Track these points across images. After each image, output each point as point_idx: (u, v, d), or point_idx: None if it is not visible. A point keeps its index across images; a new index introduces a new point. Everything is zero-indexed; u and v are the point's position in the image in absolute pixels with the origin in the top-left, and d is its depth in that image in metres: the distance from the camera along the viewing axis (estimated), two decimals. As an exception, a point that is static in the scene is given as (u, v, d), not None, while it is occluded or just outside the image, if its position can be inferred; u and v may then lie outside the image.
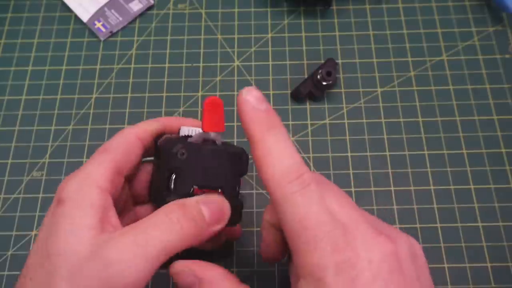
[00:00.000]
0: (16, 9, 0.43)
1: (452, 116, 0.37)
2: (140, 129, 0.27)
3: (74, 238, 0.21)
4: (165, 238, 0.21)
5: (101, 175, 0.23)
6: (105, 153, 0.24)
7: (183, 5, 0.42)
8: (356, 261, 0.19)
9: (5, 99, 0.39)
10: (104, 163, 0.24)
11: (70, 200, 0.22)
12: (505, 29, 0.40)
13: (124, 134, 0.26)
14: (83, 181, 0.23)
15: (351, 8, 0.42)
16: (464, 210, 0.34)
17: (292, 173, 0.20)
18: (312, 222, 0.20)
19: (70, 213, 0.21)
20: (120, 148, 0.25)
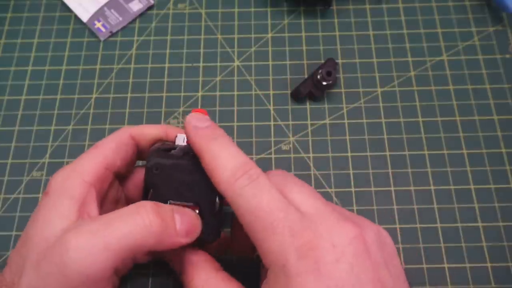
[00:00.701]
0: (16, 9, 0.43)
1: (452, 116, 0.37)
2: (137, 129, 0.27)
3: (47, 225, 0.22)
4: (129, 231, 0.21)
5: (87, 168, 0.24)
6: (96, 148, 0.25)
7: (183, 5, 0.42)
8: (318, 244, 0.19)
9: (5, 99, 0.39)
10: (93, 158, 0.25)
11: (53, 191, 0.23)
12: (505, 29, 0.40)
13: (118, 132, 0.27)
14: (69, 174, 0.24)
15: (351, 8, 0.42)
16: (464, 210, 0.34)
17: (238, 170, 0.21)
18: (265, 210, 0.20)
19: (50, 203, 0.23)
20: (111, 145, 0.26)
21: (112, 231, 0.21)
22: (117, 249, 0.20)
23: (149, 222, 0.21)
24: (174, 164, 0.24)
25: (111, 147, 0.26)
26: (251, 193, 0.21)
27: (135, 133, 0.27)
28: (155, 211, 0.22)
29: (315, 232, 0.19)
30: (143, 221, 0.21)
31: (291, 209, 0.20)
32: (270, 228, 0.20)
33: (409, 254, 0.32)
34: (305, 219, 0.20)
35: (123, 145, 0.26)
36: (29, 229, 0.23)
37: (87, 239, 0.20)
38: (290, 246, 0.19)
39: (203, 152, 0.22)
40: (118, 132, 0.27)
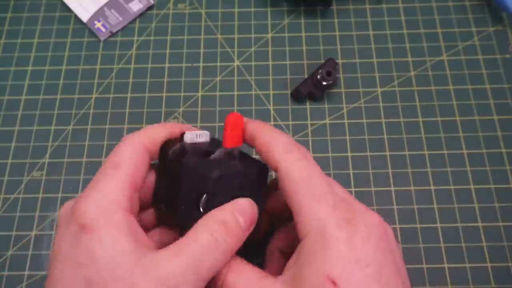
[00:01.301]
0: (16, 9, 0.43)
1: (452, 116, 0.37)
2: (147, 138, 0.26)
3: (116, 265, 0.20)
4: (214, 258, 0.22)
5: (120, 195, 0.22)
6: (118, 169, 0.23)
7: (183, 5, 0.42)
8: (353, 220, 0.22)
9: (5, 99, 0.39)
10: (120, 182, 0.23)
11: (98, 226, 0.21)
12: (505, 29, 0.40)
13: (132, 146, 0.25)
14: (105, 204, 0.22)
15: (351, 8, 0.42)
16: (464, 210, 0.34)
17: (291, 145, 0.24)
18: (317, 182, 0.23)
19: (103, 240, 0.21)
20: (132, 163, 0.24)
21: (200, 263, 0.21)
22: (207, 277, 0.22)
23: (225, 244, 0.22)
24: (232, 173, 0.24)
25: (133, 166, 0.24)
26: (304, 165, 0.23)
27: (147, 143, 0.25)
28: (225, 230, 0.23)
29: (352, 211, 0.22)
30: (220, 246, 0.22)
31: (334, 188, 0.23)
32: (318, 197, 0.22)
33: (409, 254, 0.32)
34: (343, 198, 0.23)
35: (142, 160, 0.25)
36: (89, 271, 0.20)
37: (181, 272, 0.21)
38: (331, 217, 0.22)
39: (259, 133, 0.25)
40: (132, 146, 0.25)
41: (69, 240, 0.21)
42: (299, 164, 0.23)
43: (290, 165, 0.23)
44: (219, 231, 0.22)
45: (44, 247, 0.33)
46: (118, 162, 0.24)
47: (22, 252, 0.33)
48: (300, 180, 0.23)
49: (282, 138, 0.25)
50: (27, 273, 0.33)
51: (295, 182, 0.23)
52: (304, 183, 0.23)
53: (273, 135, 0.25)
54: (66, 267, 0.21)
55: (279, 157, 0.24)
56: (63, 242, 0.22)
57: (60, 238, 0.22)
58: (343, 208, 0.22)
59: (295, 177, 0.23)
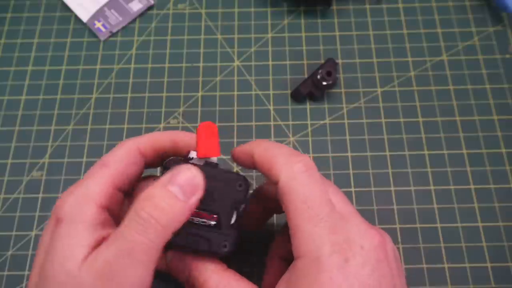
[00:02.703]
0: (16, 9, 0.43)
1: (452, 116, 0.37)
2: (143, 142, 0.25)
3: (67, 257, 0.21)
4: (147, 238, 0.20)
5: (99, 191, 0.23)
6: (104, 167, 0.24)
7: (183, 5, 0.42)
8: (350, 245, 0.21)
9: (5, 99, 0.39)
10: (102, 179, 0.23)
11: (67, 219, 0.22)
12: (505, 29, 0.40)
13: (124, 147, 0.25)
14: (81, 198, 0.22)
15: (351, 8, 0.42)
16: (464, 210, 0.34)
17: (293, 156, 0.23)
18: (315, 202, 0.22)
19: (66, 232, 0.21)
20: (119, 163, 0.24)
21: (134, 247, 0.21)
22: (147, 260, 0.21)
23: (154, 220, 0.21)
24: (209, 172, 0.23)
25: (120, 166, 0.24)
26: (306, 180, 0.22)
27: (142, 147, 0.25)
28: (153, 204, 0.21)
29: (349, 233, 0.21)
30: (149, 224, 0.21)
31: (334, 209, 0.22)
32: (315, 219, 0.21)
33: (409, 254, 0.32)
34: (342, 219, 0.22)
35: (133, 163, 0.25)
36: (46, 263, 0.21)
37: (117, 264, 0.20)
38: (327, 240, 0.21)
39: (258, 148, 0.24)
40: (124, 148, 0.25)
41: (46, 232, 0.22)
42: (301, 178, 0.22)
43: (291, 180, 0.22)
44: (145, 208, 0.21)
45: (44, 247, 0.33)
46: (106, 162, 0.24)
47: (22, 252, 0.33)
48: (299, 200, 0.22)
49: (283, 147, 0.24)
50: (27, 273, 0.33)
51: (294, 202, 0.22)
52: (304, 203, 0.22)
53: (272, 146, 0.24)
54: (38, 258, 0.22)
55: (279, 168, 0.23)
56: (45, 234, 0.22)
57: (44, 230, 0.23)
58: (341, 230, 0.21)
59: (294, 194, 0.22)
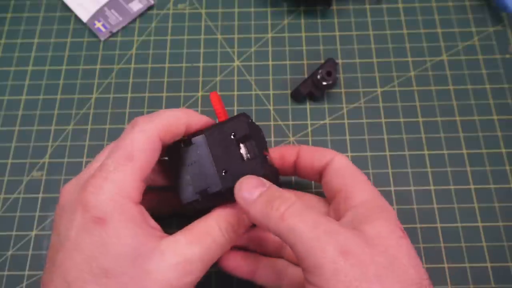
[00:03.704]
0: (16, 9, 0.43)
1: (452, 116, 0.37)
2: (162, 126, 0.25)
3: (134, 255, 0.21)
4: (220, 251, 0.24)
5: (132, 188, 0.23)
6: (130, 161, 0.23)
7: (183, 5, 0.42)
8: None
9: (5, 99, 0.39)
10: (131, 175, 0.23)
11: (112, 219, 0.22)
12: (505, 29, 0.40)
13: (145, 134, 0.24)
14: (118, 197, 0.22)
15: (351, 8, 0.42)
16: (464, 210, 0.34)
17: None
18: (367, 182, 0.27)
19: (119, 233, 0.22)
20: (144, 155, 0.23)
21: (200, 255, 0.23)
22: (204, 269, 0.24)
23: (230, 240, 0.25)
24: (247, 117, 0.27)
25: (146, 158, 0.24)
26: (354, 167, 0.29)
27: (162, 131, 0.25)
28: (231, 228, 0.25)
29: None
30: (226, 242, 0.25)
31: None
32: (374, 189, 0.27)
33: (409, 254, 0.32)
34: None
35: (155, 152, 0.24)
36: (101, 263, 0.21)
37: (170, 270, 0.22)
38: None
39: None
40: (146, 136, 0.24)
41: (78, 230, 0.22)
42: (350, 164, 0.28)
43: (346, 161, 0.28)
44: (228, 229, 0.24)
45: (44, 247, 0.33)
46: (131, 153, 0.23)
47: (22, 252, 0.33)
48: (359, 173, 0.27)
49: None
50: (27, 273, 0.33)
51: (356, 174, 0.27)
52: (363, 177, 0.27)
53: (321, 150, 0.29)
54: (76, 256, 0.21)
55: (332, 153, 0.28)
56: (71, 231, 0.22)
57: (67, 226, 0.22)
58: None
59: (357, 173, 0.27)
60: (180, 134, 0.26)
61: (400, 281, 0.20)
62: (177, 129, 0.25)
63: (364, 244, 0.21)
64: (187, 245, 0.23)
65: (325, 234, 0.21)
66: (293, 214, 0.22)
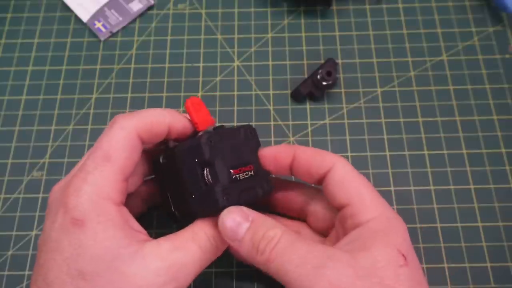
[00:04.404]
0: (16, 9, 0.43)
1: (452, 116, 0.37)
2: (141, 127, 0.24)
3: (112, 257, 0.21)
4: (208, 259, 0.24)
5: (112, 188, 0.22)
6: (109, 161, 0.23)
7: (183, 5, 0.42)
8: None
9: (5, 99, 0.39)
10: (111, 175, 0.22)
11: (91, 220, 0.21)
12: (505, 29, 0.40)
13: (124, 132, 0.23)
14: (97, 198, 0.22)
15: (351, 8, 0.42)
16: (464, 210, 0.34)
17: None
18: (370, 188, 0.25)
19: (97, 234, 0.21)
20: (123, 155, 0.23)
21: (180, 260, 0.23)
22: (187, 277, 0.23)
23: (217, 249, 0.24)
24: (220, 137, 0.25)
25: (125, 158, 0.23)
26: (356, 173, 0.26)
27: (142, 130, 0.24)
28: (218, 236, 0.24)
29: None
30: (214, 250, 0.24)
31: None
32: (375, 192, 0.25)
33: (409, 254, 0.32)
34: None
35: (134, 151, 0.24)
36: (80, 264, 0.21)
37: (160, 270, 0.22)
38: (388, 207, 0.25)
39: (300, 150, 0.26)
40: (127, 135, 0.23)
41: (59, 231, 0.22)
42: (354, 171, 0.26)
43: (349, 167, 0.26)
44: (215, 237, 0.24)
45: (44, 247, 0.33)
46: (109, 153, 0.23)
47: (22, 252, 0.33)
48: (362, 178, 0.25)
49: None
50: (27, 273, 0.33)
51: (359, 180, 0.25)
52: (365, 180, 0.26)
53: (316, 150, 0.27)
54: (57, 256, 0.21)
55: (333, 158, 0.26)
56: (53, 231, 0.22)
57: (50, 226, 0.22)
58: None
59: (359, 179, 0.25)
60: (162, 135, 0.25)
61: None
62: (159, 129, 0.25)
63: (355, 277, 0.20)
64: (171, 251, 0.22)
65: (313, 270, 0.20)
66: (279, 254, 0.21)
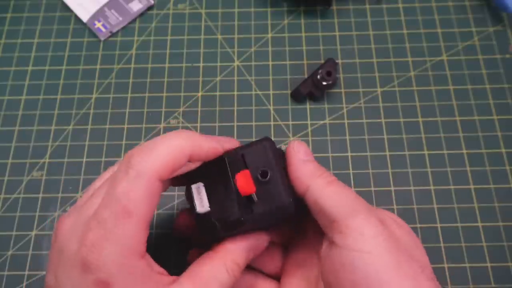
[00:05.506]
0: (16, 9, 0.43)
1: (452, 116, 0.37)
2: (162, 170, 0.22)
3: None
4: None
5: (136, 243, 0.21)
6: (130, 216, 0.21)
7: (183, 5, 0.42)
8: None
9: (5, 99, 0.39)
10: (133, 229, 0.21)
11: (117, 281, 0.20)
12: (505, 29, 0.40)
13: (145, 182, 0.21)
14: (121, 257, 0.21)
15: (351, 8, 0.42)
16: (464, 210, 0.34)
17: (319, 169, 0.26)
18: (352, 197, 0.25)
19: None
20: (145, 206, 0.21)
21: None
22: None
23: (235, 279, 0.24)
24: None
25: (146, 209, 0.22)
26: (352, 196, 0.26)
27: (163, 174, 0.22)
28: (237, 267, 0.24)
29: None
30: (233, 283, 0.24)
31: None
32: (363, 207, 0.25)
33: (409, 254, 0.32)
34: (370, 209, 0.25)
35: (155, 198, 0.22)
36: None
37: None
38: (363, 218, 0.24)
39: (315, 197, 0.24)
40: (147, 184, 0.21)
41: (79, 286, 0.20)
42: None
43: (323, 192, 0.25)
44: (234, 269, 0.24)
45: (44, 247, 0.33)
46: (129, 209, 0.21)
47: (22, 252, 0.33)
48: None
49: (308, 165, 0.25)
50: (27, 273, 0.33)
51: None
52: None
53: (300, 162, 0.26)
54: None
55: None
56: (70, 285, 0.21)
57: (64, 278, 0.21)
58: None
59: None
60: (182, 166, 0.23)
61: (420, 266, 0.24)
62: (179, 163, 0.23)
63: (395, 225, 0.24)
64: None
65: (366, 208, 0.23)
66: (339, 185, 0.24)
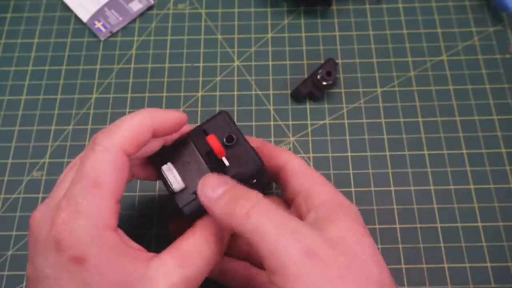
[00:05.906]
0: (16, 9, 0.43)
1: (452, 116, 0.37)
2: (126, 143, 0.22)
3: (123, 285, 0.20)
4: (211, 267, 0.23)
5: (107, 216, 0.21)
6: (99, 188, 0.21)
7: (183, 5, 0.42)
8: None
9: (5, 99, 0.39)
10: (104, 201, 0.21)
11: (91, 256, 0.20)
12: (505, 29, 0.40)
13: (111, 155, 0.22)
14: (94, 231, 0.21)
15: (351, 8, 0.42)
16: (464, 210, 0.34)
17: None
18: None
19: (99, 271, 0.20)
20: (113, 177, 0.22)
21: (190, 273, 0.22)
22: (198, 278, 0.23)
23: (219, 255, 0.24)
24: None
25: (115, 180, 0.22)
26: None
27: (129, 149, 0.22)
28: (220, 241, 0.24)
29: None
30: (216, 258, 0.24)
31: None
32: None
33: (409, 254, 0.32)
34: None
35: (123, 170, 0.22)
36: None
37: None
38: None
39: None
40: (113, 157, 0.22)
41: (55, 268, 0.20)
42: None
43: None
44: (215, 241, 0.23)
45: (44, 247, 0.33)
46: (98, 180, 0.21)
47: (22, 252, 0.33)
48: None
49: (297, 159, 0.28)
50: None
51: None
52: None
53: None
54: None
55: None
56: (47, 268, 0.20)
57: (42, 263, 0.21)
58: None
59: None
60: (147, 141, 0.24)
61: (361, 281, 0.20)
62: (143, 137, 0.23)
63: (328, 245, 0.21)
64: (177, 268, 0.21)
65: (291, 234, 0.20)
66: (259, 212, 0.21)
